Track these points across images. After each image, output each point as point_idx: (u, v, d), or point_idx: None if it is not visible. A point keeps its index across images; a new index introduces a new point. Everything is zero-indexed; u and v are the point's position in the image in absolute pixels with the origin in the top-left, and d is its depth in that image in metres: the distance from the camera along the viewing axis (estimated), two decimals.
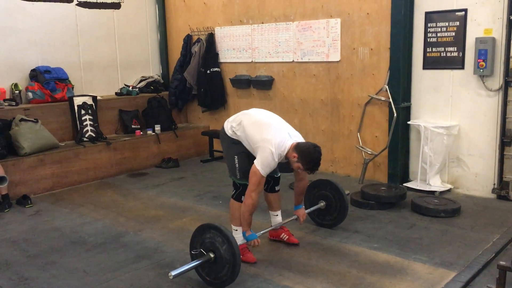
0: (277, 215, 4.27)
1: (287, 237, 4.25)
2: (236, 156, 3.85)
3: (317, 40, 6.36)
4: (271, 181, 4.14)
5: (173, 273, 3.23)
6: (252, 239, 3.76)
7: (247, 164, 3.80)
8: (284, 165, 3.90)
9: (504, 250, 4.03)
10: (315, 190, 4.54)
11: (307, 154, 3.62)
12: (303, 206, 4.28)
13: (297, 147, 3.64)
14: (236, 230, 3.94)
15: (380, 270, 3.70)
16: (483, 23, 5.17)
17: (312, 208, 4.46)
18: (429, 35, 5.55)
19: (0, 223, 4.97)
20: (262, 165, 3.61)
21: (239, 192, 3.89)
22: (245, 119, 3.87)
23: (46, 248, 4.29)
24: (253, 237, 3.76)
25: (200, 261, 3.39)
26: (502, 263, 2.93)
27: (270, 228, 4.13)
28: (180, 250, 4.15)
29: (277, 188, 4.20)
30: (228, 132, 3.95)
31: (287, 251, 4.07)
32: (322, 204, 4.47)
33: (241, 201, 3.87)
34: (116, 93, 7.61)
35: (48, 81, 6.55)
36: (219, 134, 4.10)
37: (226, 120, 4.07)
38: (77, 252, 4.20)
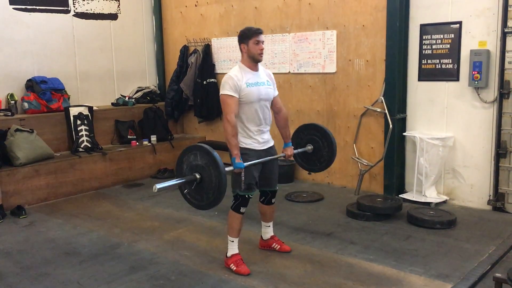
0: (269, 226, 4.27)
1: (279, 246, 4.25)
2: (243, 169, 3.81)
3: (313, 52, 6.39)
4: (269, 194, 4.14)
5: (158, 186, 3.23)
6: (239, 167, 3.67)
7: (252, 177, 3.80)
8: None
9: (500, 262, 4.02)
10: (302, 134, 4.46)
11: (244, 30, 3.83)
12: (292, 146, 4.22)
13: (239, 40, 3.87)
14: (233, 241, 3.92)
15: (376, 282, 3.68)
16: (477, 35, 5.22)
17: (299, 150, 4.35)
18: (424, 47, 5.59)
19: None
20: (222, 87, 3.72)
21: (239, 203, 3.85)
22: None
23: (40, 260, 4.25)
24: (241, 165, 3.67)
25: (185, 180, 3.37)
26: (498, 275, 2.93)
27: (263, 160, 3.93)
28: (175, 261, 4.12)
29: (273, 200, 4.19)
30: None
31: (282, 262, 4.05)
32: (309, 147, 4.40)
33: (240, 212, 3.85)
34: (112, 104, 7.60)
35: (44, 91, 6.55)
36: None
37: None
38: (71, 263, 4.16)
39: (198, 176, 3.37)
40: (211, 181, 3.32)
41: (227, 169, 3.43)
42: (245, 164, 3.71)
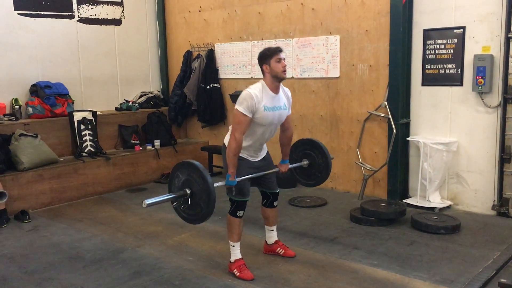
0: (272, 230, 4.27)
1: (283, 251, 4.24)
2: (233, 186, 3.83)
3: (316, 57, 6.40)
4: (270, 197, 4.14)
5: (147, 201, 3.24)
6: (230, 184, 3.70)
7: (244, 185, 3.82)
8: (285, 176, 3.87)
9: (505, 268, 4.00)
10: (298, 150, 4.50)
11: (264, 51, 3.79)
12: (288, 163, 4.25)
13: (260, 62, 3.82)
14: (234, 246, 3.92)
15: (380, 287, 3.67)
16: (481, 40, 5.21)
17: (295, 164, 4.39)
18: (428, 52, 5.59)
19: None
20: (239, 103, 3.67)
21: (235, 207, 3.87)
22: None
23: (44, 264, 4.26)
24: (232, 183, 3.70)
25: (175, 195, 3.41)
26: (503, 280, 2.93)
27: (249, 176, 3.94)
28: (179, 266, 4.12)
29: (275, 203, 4.19)
30: (226, 142, 3.93)
31: (286, 267, 4.04)
32: (305, 162, 4.42)
33: (237, 216, 3.86)
34: (116, 108, 7.63)
35: (48, 96, 6.57)
36: (221, 149, 4.09)
37: (226, 135, 4.07)
38: (75, 268, 4.16)
39: (188, 191, 3.41)
40: (201, 196, 3.37)
41: (216, 184, 3.50)
42: (237, 179, 3.73)
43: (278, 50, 3.74)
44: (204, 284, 3.78)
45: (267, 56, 3.76)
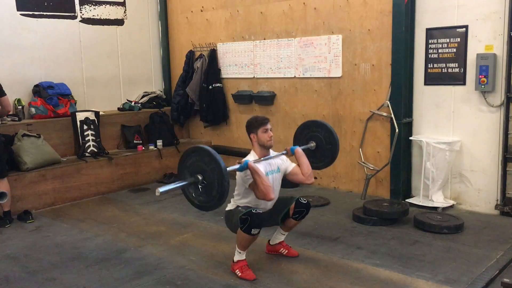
0: (284, 235, 4.25)
1: (286, 251, 4.24)
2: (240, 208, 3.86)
3: (318, 56, 6.39)
4: (304, 210, 4.09)
5: (161, 190, 3.23)
6: (243, 166, 3.69)
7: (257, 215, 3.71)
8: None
9: (508, 267, 3.99)
10: (303, 133, 4.51)
11: (251, 121, 3.94)
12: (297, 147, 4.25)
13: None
14: (240, 253, 3.88)
15: (382, 287, 3.66)
16: (484, 39, 5.20)
17: (302, 147, 4.33)
18: (430, 51, 5.58)
19: (0, 239, 4.95)
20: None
21: (249, 224, 3.67)
22: None
23: (47, 264, 4.27)
24: (245, 164, 3.69)
25: (187, 182, 3.40)
26: (506, 280, 2.92)
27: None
28: (181, 266, 4.12)
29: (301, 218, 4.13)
30: (230, 206, 4.01)
31: (288, 267, 4.04)
32: (312, 144, 4.43)
33: (251, 234, 3.68)
34: (118, 109, 7.64)
35: (51, 96, 6.58)
36: (224, 216, 4.10)
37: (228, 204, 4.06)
38: (78, 268, 4.17)
39: (200, 177, 3.39)
40: (214, 180, 3.34)
41: (229, 168, 3.48)
42: (250, 161, 3.72)
43: (265, 122, 3.91)
44: (207, 284, 3.78)
45: (254, 127, 3.92)
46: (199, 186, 3.41)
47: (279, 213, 4.05)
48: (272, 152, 4.06)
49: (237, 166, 3.71)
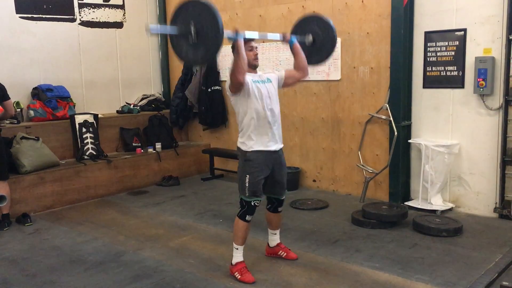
0: (275, 233, 4.28)
1: (285, 253, 4.24)
2: (247, 175, 3.83)
3: None
4: (275, 203, 4.14)
5: (151, 26, 3.24)
6: (236, 38, 3.66)
7: (257, 184, 3.81)
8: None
9: (507, 270, 3.99)
10: (300, 28, 4.45)
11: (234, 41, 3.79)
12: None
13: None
14: (237, 249, 3.91)
15: None
16: (482, 42, 5.21)
17: (299, 39, 4.29)
18: (429, 54, 5.59)
19: None
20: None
21: (245, 210, 3.86)
22: None
23: (45, 267, 4.26)
24: (240, 36, 3.67)
25: (180, 29, 3.34)
26: (505, 283, 2.92)
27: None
28: (180, 269, 4.11)
29: (279, 209, 4.19)
30: (240, 144, 3.93)
31: (287, 270, 4.04)
32: (310, 38, 4.37)
33: (246, 220, 3.86)
34: (117, 111, 7.63)
35: (50, 99, 6.58)
36: (237, 153, 4.06)
37: (239, 138, 4.02)
38: (76, 271, 4.16)
39: (193, 28, 3.32)
40: (208, 30, 3.28)
41: (225, 31, 3.42)
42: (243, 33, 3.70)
43: (250, 40, 3.87)
44: (206, 287, 3.78)
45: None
46: (192, 36, 3.33)
47: (269, 186, 4.02)
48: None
49: (230, 33, 3.65)
